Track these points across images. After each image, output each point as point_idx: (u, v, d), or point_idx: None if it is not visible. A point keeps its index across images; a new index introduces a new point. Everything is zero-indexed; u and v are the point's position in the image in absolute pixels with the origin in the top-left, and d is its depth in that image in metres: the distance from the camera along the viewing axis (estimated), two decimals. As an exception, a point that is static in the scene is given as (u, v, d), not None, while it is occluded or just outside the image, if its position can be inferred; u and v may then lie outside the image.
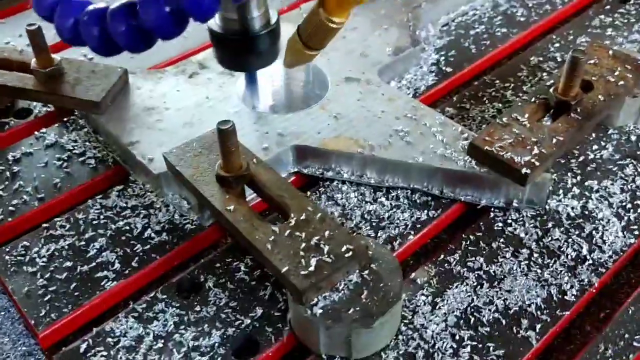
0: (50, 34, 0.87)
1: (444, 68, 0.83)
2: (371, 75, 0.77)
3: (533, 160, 0.61)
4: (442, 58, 0.84)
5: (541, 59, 0.84)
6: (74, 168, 0.71)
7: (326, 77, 0.77)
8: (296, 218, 0.56)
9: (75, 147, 0.73)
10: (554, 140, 0.63)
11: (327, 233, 0.54)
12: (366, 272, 0.53)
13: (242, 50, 0.67)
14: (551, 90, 0.67)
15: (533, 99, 0.68)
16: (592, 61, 0.72)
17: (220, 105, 0.74)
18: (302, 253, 0.53)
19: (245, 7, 0.64)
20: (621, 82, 0.69)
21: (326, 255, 0.52)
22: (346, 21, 0.61)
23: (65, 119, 0.77)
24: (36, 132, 0.75)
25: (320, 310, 0.51)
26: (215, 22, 0.66)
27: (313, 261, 0.52)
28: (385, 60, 0.79)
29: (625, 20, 0.90)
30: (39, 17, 0.59)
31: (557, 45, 0.86)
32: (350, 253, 0.53)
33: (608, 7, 0.93)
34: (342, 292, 0.52)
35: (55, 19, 0.56)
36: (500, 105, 0.78)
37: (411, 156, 0.66)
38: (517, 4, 0.93)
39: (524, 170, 0.60)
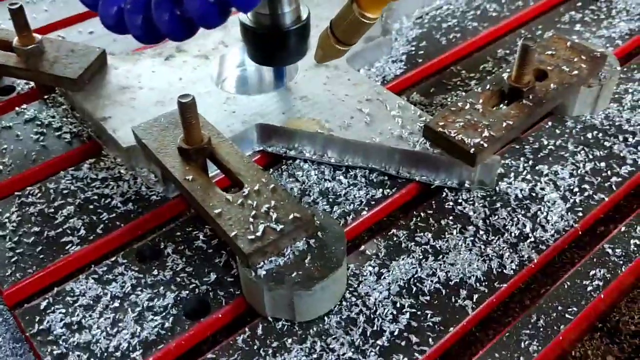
0: (40, 18, 0.92)
1: (413, 58, 0.86)
2: (340, 62, 0.80)
3: (482, 142, 0.64)
4: (413, 49, 0.87)
5: (508, 51, 0.87)
6: (50, 142, 0.74)
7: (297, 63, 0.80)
8: (250, 188, 0.59)
9: (53, 123, 0.77)
10: (504, 124, 0.66)
11: (277, 202, 0.57)
12: (312, 240, 0.56)
13: (272, 45, 0.70)
14: (505, 78, 0.70)
15: (488, 86, 0.71)
16: (549, 52, 0.74)
17: (192, 86, 0.77)
18: (251, 220, 0.56)
19: (277, 2, 0.67)
20: (575, 72, 0.71)
21: (274, 222, 0.55)
22: (379, 17, 0.64)
23: (45, 97, 0.80)
24: (17, 108, 0.79)
25: (265, 273, 0.54)
26: (246, 17, 0.69)
27: (261, 227, 0.55)
28: (355, 47, 0.82)
29: (595, 17, 0.92)
30: (83, 5, 0.59)
31: (524, 39, 0.89)
32: (297, 221, 0.55)
33: (579, 4, 0.95)
34: (288, 257, 0.55)
35: (100, 7, 0.57)
36: (464, 93, 0.80)
37: (369, 137, 0.69)
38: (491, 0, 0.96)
39: (472, 151, 0.63)
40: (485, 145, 0.64)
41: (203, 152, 0.63)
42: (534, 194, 0.66)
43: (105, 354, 0.54)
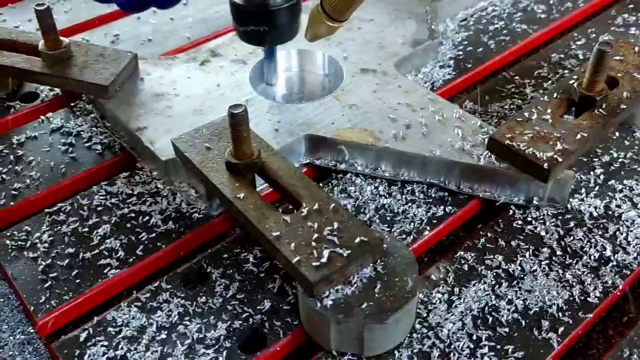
0: (63, 19, 0.87)
1: (462, 63, 0.80)
2: (387, 67, 0.75)
3: (556, 156, 0.59)
4: (461, 53, 0.82)
5: (562, 56, 0.82)
6: (80, 153, 0.69)
7: (342, 67, 0.75)
8: (308, 208, 0.53)
9: (82, 133, 0.71)
10: (578, 137, 0.61)
11: (340, 224, 0.52)
12: (380, 266, 0.51)
13: (261, 23, 0.65)
14: (575, 85, 0.65)
15: (555, 94, 0.65)
16: (617, 57, 0.69)
17: (232, 93, 0.71)
18: (314, 244, 0.50)
19: None
20: (648, 79, 0.66)
21: (339, 247, 0.50)
22: None
23: (72, 104, 0.75)
24: (42, 117, 0.73)
25: (332, 304, 0.49)
26: None
27: (325, 252, 0.50)
28: (402, 52, 0.77)
29: (649, 20, 0.87)
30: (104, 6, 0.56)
31: (579, 42, 0.84)
32: (364, 245, 0.50)
33: (631, 5, 0.90)
34: (355, 285, 0.50)
35: None
36: (520, 101, 0.75)
37: (428, 149, 0.64)
38: (538, 0, 0.91)
39: (546, 166, 0.58)
40: (560, 159, 0.58)
41: (253, 167, 0.57)
42: (610, 212, 0.61)
43: (156, 394, 0.49)
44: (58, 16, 0.89)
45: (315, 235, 0.51)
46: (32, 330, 0.57)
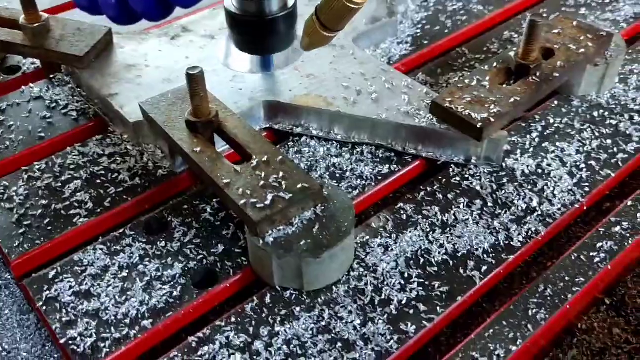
0: (45, 1, 0.93)
1: (419, 40, 0.86)
2: (346, 42, 0.80)
3: (489, 117, 0.64)
4: (419, 31, 0.87)
5: (513, 33, 0.87)
6: (56, 119, 0.74)
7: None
8: (258, 159, 0.59)
9: (59, 101, 0.77)
10: (511, 100, 0.66)
11: (285, 173, 0.57)
12: (321, 210, 0.56)
13: (258, 32, 0.70)
14: (512, 55, 0.70)
15: (495, 64, 0.71)
16: (555, 31, 0.74)
17: (200, 64, 0.76)
18: (260, 189, 0.56)
19: None
20: (582, 50, 0.72)
21: (282, 192, 0.55)
22: (366, 2, 0.61)
23: (51, 76, 0.81)
24: (23, 87, 0.79)
25: (273, 241, 0.54)
26: (232, 4, 0.70)
27: (270, 196, 0.55)
28: (361, 28, 0.82)
29: (600, 1, 0.92)
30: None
31: (530, 21, 0.89)
32: (306, 190, 0.56)
33: (584, -12, 0.95)
34: (296, 226, 0.55)
35: None
36: (469, 74, 0.80)
37: (376, 113, 0.69)
38: (495, -17, 0.96)
39: (479, 126, 0.63)
40: (492, 120, 0.64)
41: (211, 125, 0.63)
42: (540, 170, 0.66)
43: (115, 321, 0.54)
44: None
45: (262, 183, 0.56)
46: (9, 276, 0.63)
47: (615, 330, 0.59)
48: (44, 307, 0.55)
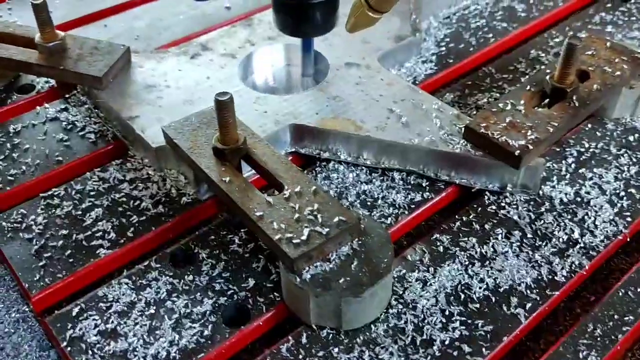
0: (58, 14, 0.90)
1: (443, 58, 0.84)
2: (371, 61, 0.78)
3: (527, 144, 0.62)
4: (443, 49, 0.85)
5: (540, 52, 0.85)
6: (74, 142, 0.72)
7: (327, 62, 0.78)
8: (290, 190, 0.56)
9: (76, 122, 0.74)
10: (549, 126, 0.64)
11: (320, 205, 0.55)
12: (358, 244, 0.54)
13: (301, 16, 0.68)
14: (547, 77, 0.68)
15: (529, 87, 0.68)
16: (589, 52, 0.72)
17: (221, 85, 0.74)
18: (294, 223, 0.53)
19: None
20: (617, 73, 0.70)
21: (318, 226, 0.53)
22: None
23: (66, 96, 0.78)
24: (38, 107, 0.76)
25: (311, 278, 0.51)
26: None
27: (305, 231, 0.52)
28: (385, 47, 0.80)
29: (626, 19, 0.90)
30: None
31: (556, 39, 0.87)
32: (343, 225, 0.53)
33: (609, 5, 0.93)
34: (334, 262, 0.53)
35: None
36: (497, 94, 0.78)
37: (407, 138, 0.67)
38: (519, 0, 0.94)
39: (517, 153, 0.61)
40: (531, 147, 0.62)
41: (239, 152, 0.60)
42: (579, 198, 0.64)
43: (144, 363, 0.51)
44: (54, 11, 0.92)
45: (296, 216, 0.54)
46: (27, 309, 0.60)
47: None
48: (69, 348, 0.52)
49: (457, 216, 0.63)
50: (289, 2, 0.68)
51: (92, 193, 0.66)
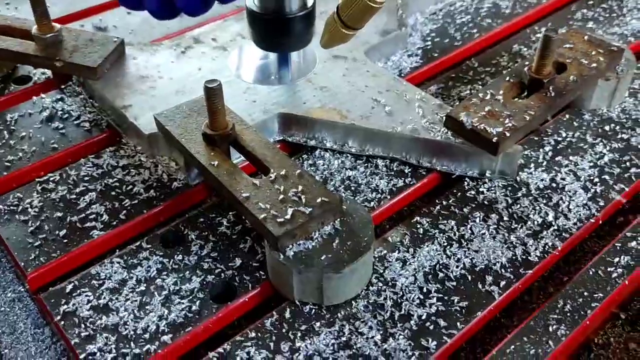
0: (56, 9, 0.92)
1: (429, 52, 0.86)
2: (358, 54, 0.80)
3: (504, 131, 0.64)
4: (428, 44, 0.88)
5: (522, 47, 0.88)
6: (69, 130, 0.74)
7: (315, 54, 0.80)
8: (276, 173, 0.59)
9: (71, 112, 0.77)
10: (526, 115, 0.66)
11: (304, 187, 0.57)
12: (340, 224, 0.56)
13: (277, 31, 0.70)
14: (525, 69, 0.70)
15: (508, 78, 0.71)
16: (567, 45, 0.75)
17: (212, 76, 0.76)
18: (279, 203, 0.56)
19: None
20: (594, 65, 0.72)
21: (302, 206, 0.55)
22: (385, 0, 0.62)
23: (62, 86, 0.80)
24: (34, 97, 0.78)
25: (294, 255, 0.54)
26: (253, 2, 0.70)
27: (289, 210, 0.55)
28: (372, 40, 0.83)
29: (607, 15, 0.93)
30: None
31: (538, 35, 0.90)
32: (325, 205, 0.56)
33: (590, 2, 0.96)
34: (316, 240, 0.55)
35: None
36: (480, 86, 0.81)
37: (391, 126, 0.69)
38: (503, -4, 0.97)
39: (495, 140, 0.63)
40: (508, 134, 0.64)
41: (227, 138, 0.63)
42: (554, 184, 0.67)
43: (134, 335, 0.53)
44: (52, 6, 0.95)
45: (281, 197, 0.56)
46: (22, 289, 0.62)
47: (631, 345, 0.59)
48: (62, 322, 0.55)
49: (437, 200, 0.66)
50: (265, 17, 0.69)
51: (86, 178, 0.68)
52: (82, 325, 0.54)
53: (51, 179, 0.68)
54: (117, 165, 0.70)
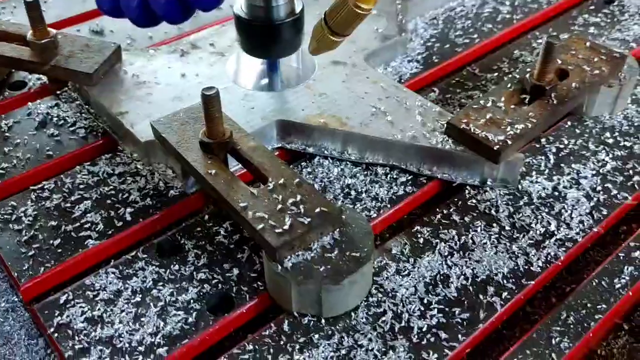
0: (52, 13, 0.91)
1: (429, 58, 0.85)
2: (357, 60, 0.79)
3: (506, 139, 0.63)
4: (429, 49, 0.87)
5: (524, 52, 0.87)
6: (64, 137, 0.73)
7: (314, 60, 0.79)
8: (274, 182, 0.58)
9: (67, 118, 0.76)
10: (527, 122, 0.65)
11: (303, 196, 0.56)
12: (339, 234, 0.55)
13: (265, 37, 0.70)
14: (527, 76, 0.69)
15: (510, 85, 0.70)
16: (569, 52, 0.74)
17: (209, 82, 0.76)
18: (277, 213, 0.55)
19: None
20: (596, 72, 0.71)
21: (301, 216, 0.54)
22: (373, 7, 0.62)
23: (57, 92, 0.79)
24: (29, 103, 0.77)
25: (292, 266, 0.53)
26: (240, 8, 0.69)
27: (288, 220, 0.54)
28: (372, 46, 0.82)
29: (609, 20, 0.92)
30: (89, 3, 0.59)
31: (540, 40, 0.89)
32: (324, 215, 0.55)
33: (592, 7, 0.95)
34: (315, 251, 0.54)
35: None
36: (481, 93, 0.80)
37: (391, 133, 0.68)
38: (504, 1, 0.96)
39: (496, 148, 0.63)
40: (509, 142, 0.63)
41: (225, 146, 0.62)
42: (557, 193, 0.66)
43: (129, 348, 0.52)
44: (48, 10, 0.94)
45: (280, 206, 0.55)
46: (16, 299, 0.61)
47: (635, 356, 0.58)
48: (56, 334, 0.54)
49: (438, 209, 0.65)
50: (253, 24, 0.69)
51: (81, 186, 0.67)
52: (76, 338, 0.53)
53: (46, 186, 0.67)
54: (113, 173, 0.68)
